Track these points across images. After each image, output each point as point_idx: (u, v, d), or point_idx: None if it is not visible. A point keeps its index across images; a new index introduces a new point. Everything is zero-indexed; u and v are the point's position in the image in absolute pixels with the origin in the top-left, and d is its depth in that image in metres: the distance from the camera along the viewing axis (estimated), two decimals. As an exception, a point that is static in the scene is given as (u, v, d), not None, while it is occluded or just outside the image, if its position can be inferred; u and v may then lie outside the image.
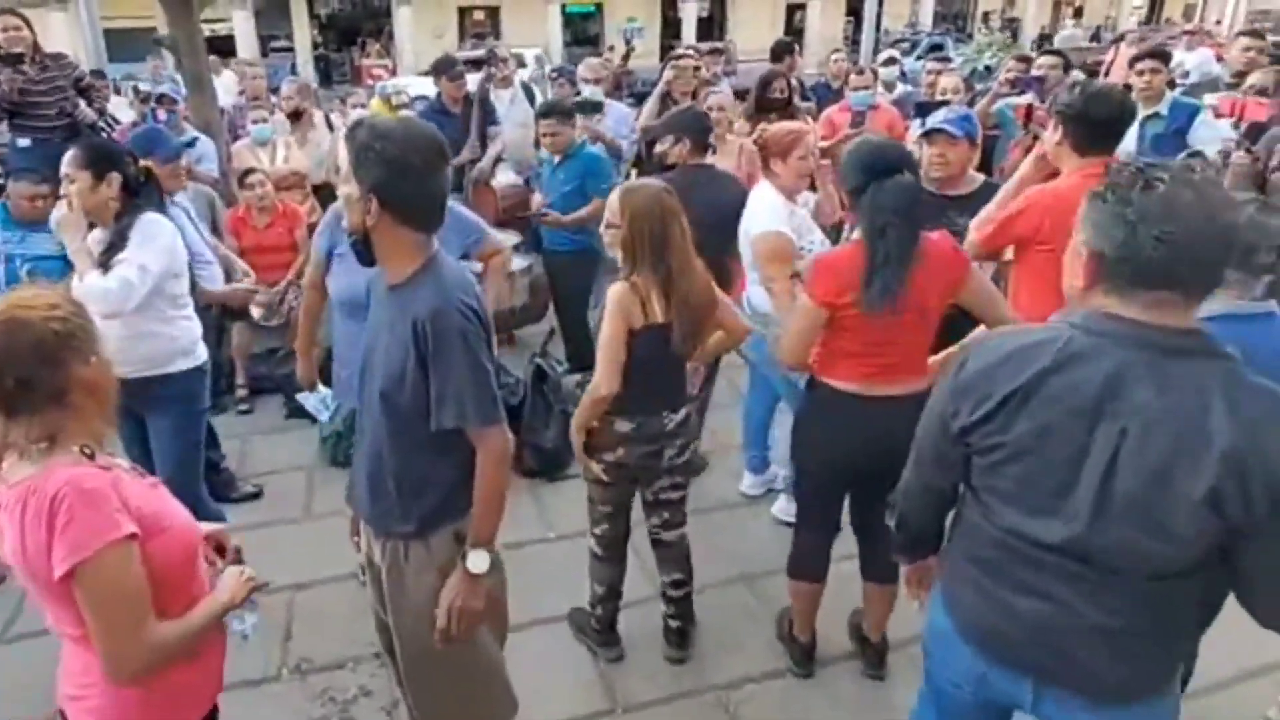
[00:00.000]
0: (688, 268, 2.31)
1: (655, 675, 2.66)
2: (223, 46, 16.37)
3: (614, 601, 2.70)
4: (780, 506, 3.42)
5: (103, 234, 2.56)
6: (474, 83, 5.45)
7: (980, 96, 5.28)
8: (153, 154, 3.31)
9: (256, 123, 5.19)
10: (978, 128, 3.13)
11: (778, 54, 6.37)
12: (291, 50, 22.93)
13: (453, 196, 6.00)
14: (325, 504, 3.55)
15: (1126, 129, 2.64)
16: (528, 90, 5.83)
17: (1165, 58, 4.52)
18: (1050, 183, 2.56)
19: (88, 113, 4.91)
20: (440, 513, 1.81)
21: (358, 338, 2.62)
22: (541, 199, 4.21)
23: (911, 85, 6.68)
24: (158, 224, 2.57)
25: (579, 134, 4.40)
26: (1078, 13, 30.32)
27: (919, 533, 1.69)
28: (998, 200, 2.74)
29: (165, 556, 1.40)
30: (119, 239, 2.49)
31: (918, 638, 2.81)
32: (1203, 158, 3.35)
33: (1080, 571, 1.33)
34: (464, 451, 1.75)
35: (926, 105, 4.67)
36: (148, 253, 2.49)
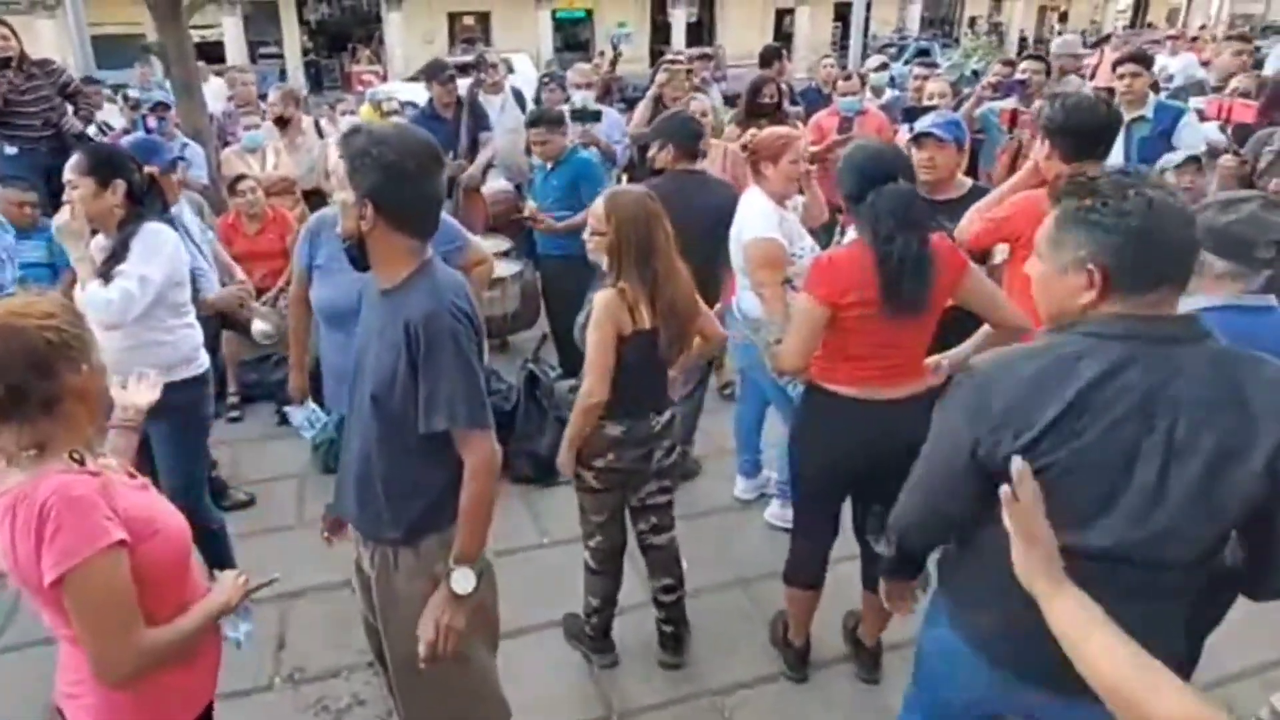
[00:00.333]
0: (673, 273, 2.32)
1: (650, 680, 2.66)
2: (212, 53, 16.35)
3: (609, 610, 2.70)
4: (773, 511, 3.42)
5: (106, 241, 2.53)
6: (465, 88, 5.45)
7: (967, 101, 5.32)
8: (151, 162, 3.31)
9: (249, 129, 5.18)
10: (965, 132, 3.15)
11: (767, 59, 6.40)
12: (281, 56, 22.88)
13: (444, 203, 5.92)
14: (317, 511, 3.45)
15: (1113, 137, 2.65)
16: (518, 96, 5.83)
17: (1147, 61, 4.55)
18: (1041, 190, 2.58)
19: (74, 123, 4.88)
20: (429, 519, 1.80)
21: (344, 347, 2.62)
22: (535, 204, 4.20)
23: (899, 90, 6.71)
24: (160, 233, 2.54)
25: (572, 140, 4.40)
26: (1063, 17, 30.56)
27: (914, 557, 1.68)
28: (987, 201, 2.76)
29: (156, 559, 1.41)
30: (121, 248, 2.46)
31: (912, 641, 2.82)
32: (1198, 161, 3.37)
33: (1120, 573, 1.31)
34: (454, 458, 1.74)
35: (914, 110, 4.70)
36: (150, 263, 2.46)
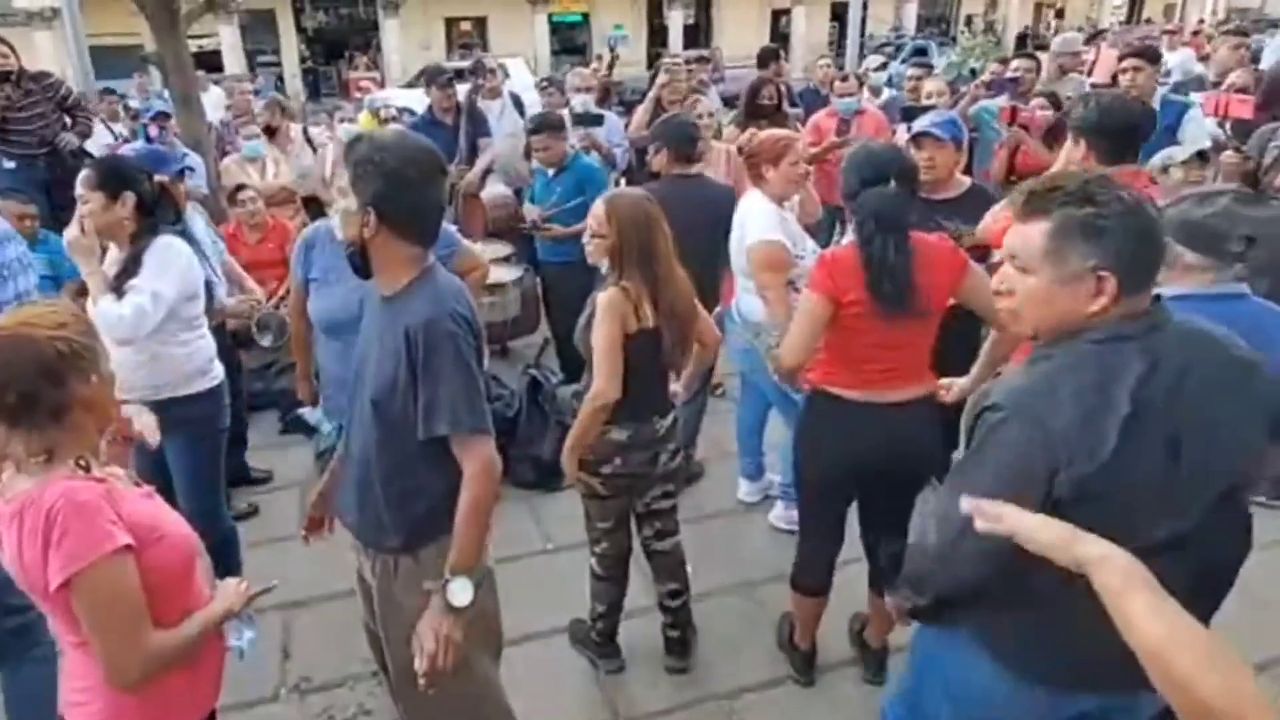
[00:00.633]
0: (672, 275, 2.34)
1: (656, 685, 2.65)
2: (209, 62, 16.37)
3: (615, 615, 2.69)
4: (777, 514, 3.42)
5: (119, 254, 2.52)
6: (463, 94, 5.45)
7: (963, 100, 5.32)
8: (161, 171, 3.32)
9: (250, 139, 5.18)
10: (964, 131, 3.15)
11: (764, 60, 6.42)
12: (279, 65, 22.91)
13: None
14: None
15: (1148, 134, 2.60)
16: (516, 101, 5.83)
17: (1152, 56, 4.47)
18: None
19: (70, 139, 4.88)
20: (428, 526, 1.79)
21: (342, 355, 2.62)
22: (541, 211, 4.19)
23: (895, 90, 6.72)
24: (173, 247, 2.54)
25: (573, 145, 4.40)
26: (1059, 14, 30.56)
27: (952, 603, 1.50)
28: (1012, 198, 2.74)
29: (161, 565, 1.43)
30: (133, 262, 2.46)
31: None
32: (1203, 156, 3.36)
33: (1176, 559, 1.28)
34: (453, 464, 1.73)
35: (912, 110, 4.70)
36: (163, 278, 2.46)
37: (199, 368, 2.65)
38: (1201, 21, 23.67)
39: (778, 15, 27.11)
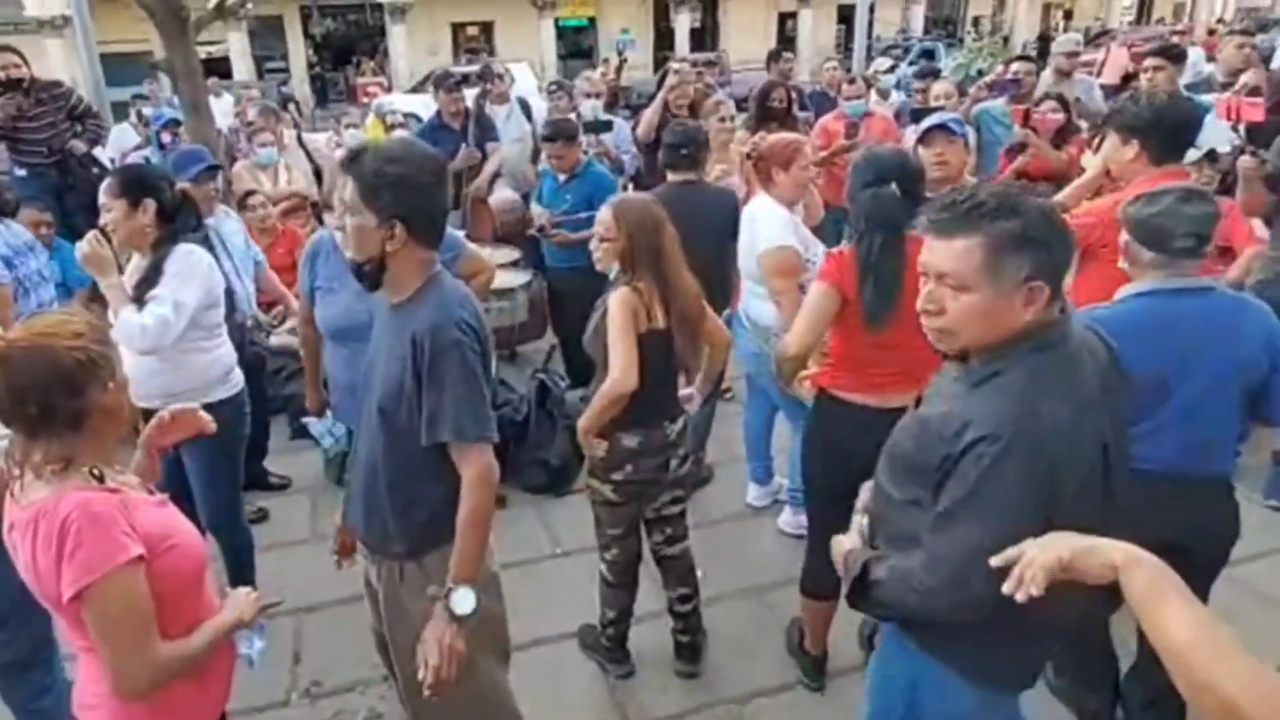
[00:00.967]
0: (681, 277, 2.35)
1: (667, 690, 2.65)
2: (218, 69, 16.46)
3: (625, 622, 2.69)
4: (785, 519, 3.41)
5: (141, 261, 2.53)
6: (470, 98, 5.47)
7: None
8: (190, 171, 3.36)
9: (264, 146, 5.20)
10: (967, 129, 3.14)
11: (769, 62, 6.42)
12: (287, 71, 23.04)
13: (450, 214, 5.92)
14: (331, 524, 3.51)
15: (1197, 134, 2.59)
16: (524, 106, 5.85)
17: (1174, 55, 4.39)
18: (1116, 195, 2.47)
19: (77, 145, 4.92)
20: (432, 533, 1.79)
21: (350, 361, 2.63)
22: (551, 216, 4.19)
23: (903, 94, 6.71)
24: (194, 255, 2.55)
25: (586, 151, 4.41)
26: (1068, 15, 30.45)
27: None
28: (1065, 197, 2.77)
29: (172, 573, 1.44)
30: (154, 271, 2.47)
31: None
32: (1214, 157, 3.32)
33: None
34: (455, 472, 1.74)
35: (921, 111, 4.69)
36: (184, 288, 2.46)
37: (219, 375, 2.66)
38: (1220, 21, 23.46)
39: (784, 18, 27.09)
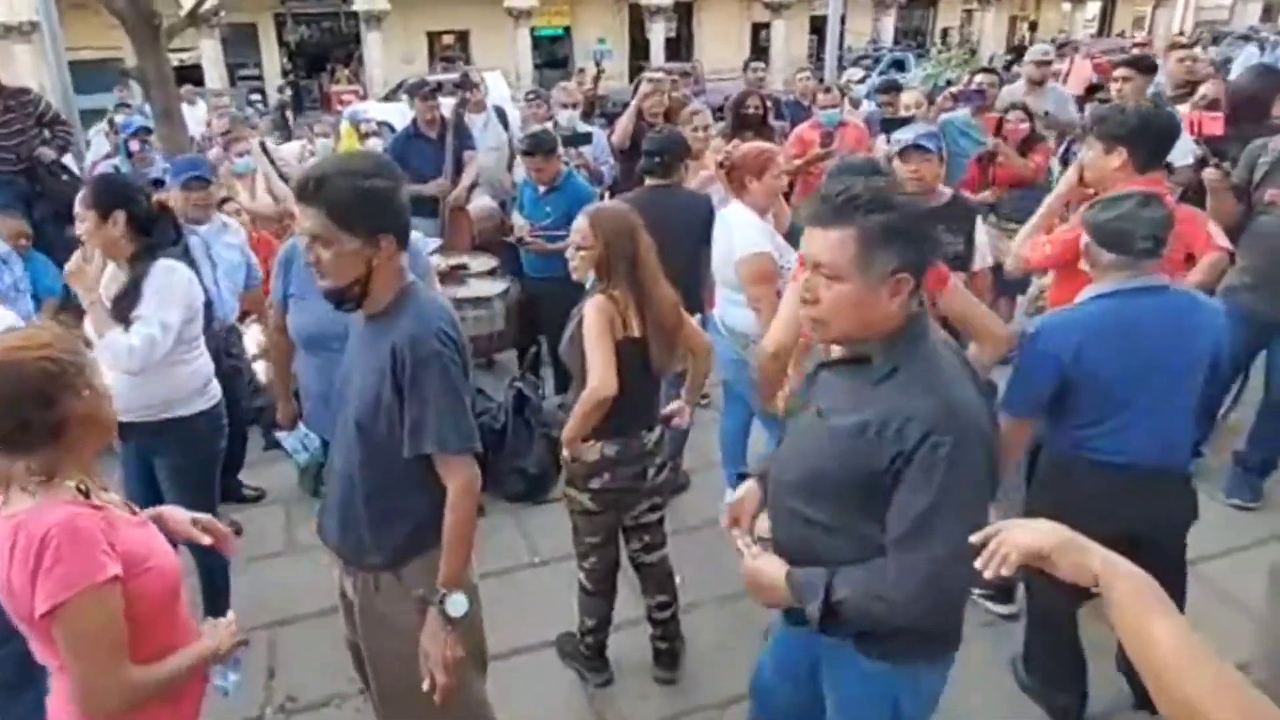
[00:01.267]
0: (657, 284, 2.36)
1: (647, 697, 2.65)
2: (191, 76, 16.29)
3: (605, 630, 2.69)
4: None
5: (117, 272, 2.48)
6: (446, 107, 5.46)
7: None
8: (178, 178, 3.36)
9: (241, 155, 5.15)
10: (942, 142, 3.20)
11: (744, 70, 6.50)
12: (260, 78, 22.83)
13: (429, 222, 5.91)
14: (307, 536, 3.48)
15: (1175, 143, 2.67)
16: (501, 114, 5.86)
17: (1144, 67, 4.48)
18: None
19: (46, 152, 4.84)
20: (412, 543, 1.80)
21: (323, 370, 2.61)
22: (529, 225, 4.19)
23: (873, 103, 6.81)
24: (174, 272, 2.50)
25: (567, 161, 4.41)
26: (1033, 27, 31.00)
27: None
28: (1040, 219, 2.78)
29: (147, 594, 1.42)
30: (133, 289, 2.42)
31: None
32: (1172, 170, 3.39)
33: None
34: (436, 481, 1.75)
35: (892, 121, 4.77)
36: (168, 307, 2.43)
37: (198, 387, 2.62)
38: (1180, 33, 24.04)
39: (758, 29, 27.33)
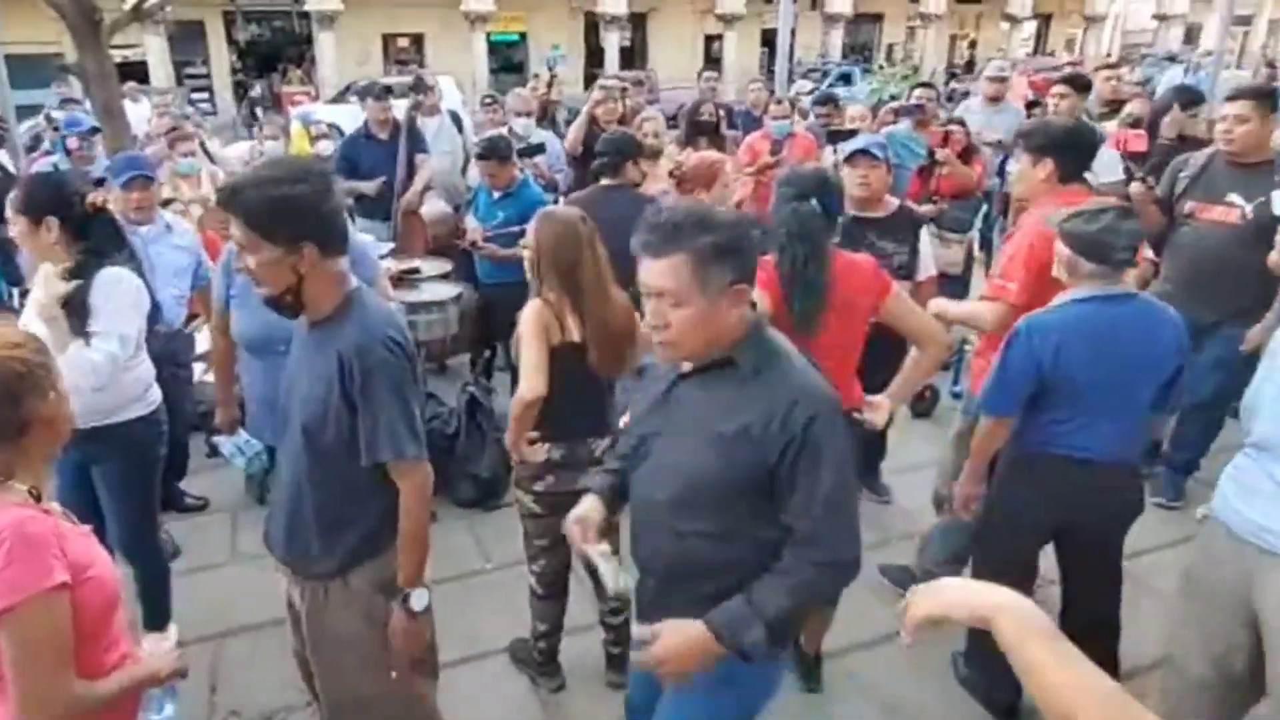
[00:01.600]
0: (602, 291, 2.34)
1: (599, 700, 2.65)
2: (135, 73, 15.79)
3: (557, 634, 2.68)
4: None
5: (49, 269, 2.33)
6: (399, 110, 5.41)
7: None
8: (118, 178, 3.25)
9: (186, 155, 5.02)
10: (889, 152, 3.29)
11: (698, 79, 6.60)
12: (208, 77, 22.27)
13: (381, 226, 5.84)
14: (251, 545, 3.41)
15: (1094, 157, 2.81)
16: (456, 118, 5.82)
17: (1079, 85, 4.68)
18: (1038, 212, 2.55)
19: None
20: (361, 550, 1.80)
21: (267, 374, 2.57)
22: (481, 229, 4.18)
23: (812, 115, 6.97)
24: (121, 282, 2.38)
25: (522, 168, 4.42)
26: (973, 45, 31.98)
27: None
28: (1002, 266, 2.67)
29: (85, 605, 1.39)
30: (79, 301, 2.29)
31: (852, 647, 2.88)
32: (1100, 185, 3.53)
33: None
34: (385, 488, 1.75)
35: (838, 133, 4.88)
36: (121, 319, 2.34)
37: (138, 393, 2.54)
38: (1108, 55, 25.13)
39: (710, 40, 27.65)
